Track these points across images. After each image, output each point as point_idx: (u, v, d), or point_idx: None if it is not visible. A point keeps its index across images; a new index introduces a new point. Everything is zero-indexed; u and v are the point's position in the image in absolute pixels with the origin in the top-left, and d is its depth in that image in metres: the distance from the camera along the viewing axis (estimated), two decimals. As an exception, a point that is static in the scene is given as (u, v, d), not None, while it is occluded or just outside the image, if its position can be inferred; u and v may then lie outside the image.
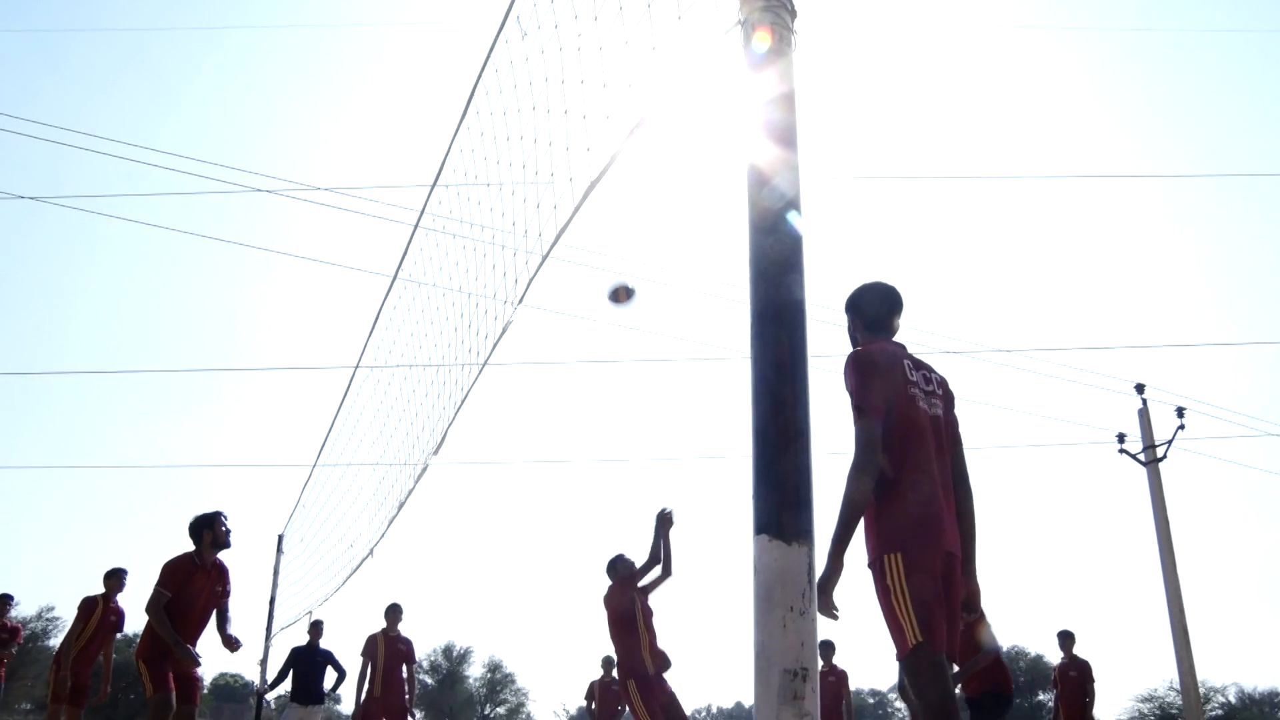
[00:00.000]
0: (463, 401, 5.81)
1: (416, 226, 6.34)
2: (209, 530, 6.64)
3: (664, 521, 7.64)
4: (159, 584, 6.50)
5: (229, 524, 6.76)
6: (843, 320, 3.81)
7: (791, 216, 1.95)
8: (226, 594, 6.81)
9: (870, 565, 3.27)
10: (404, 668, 10.24)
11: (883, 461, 3.24)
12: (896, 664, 3.34)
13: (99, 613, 9.35)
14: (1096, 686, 11.05)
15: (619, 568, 7.75)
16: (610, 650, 10.38)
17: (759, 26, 2.05)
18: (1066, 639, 11.29)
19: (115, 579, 9.54)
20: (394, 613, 10.41)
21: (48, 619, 53.61)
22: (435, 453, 6.59)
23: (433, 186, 5.86)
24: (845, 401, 3.46)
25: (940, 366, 3.76)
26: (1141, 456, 17.45)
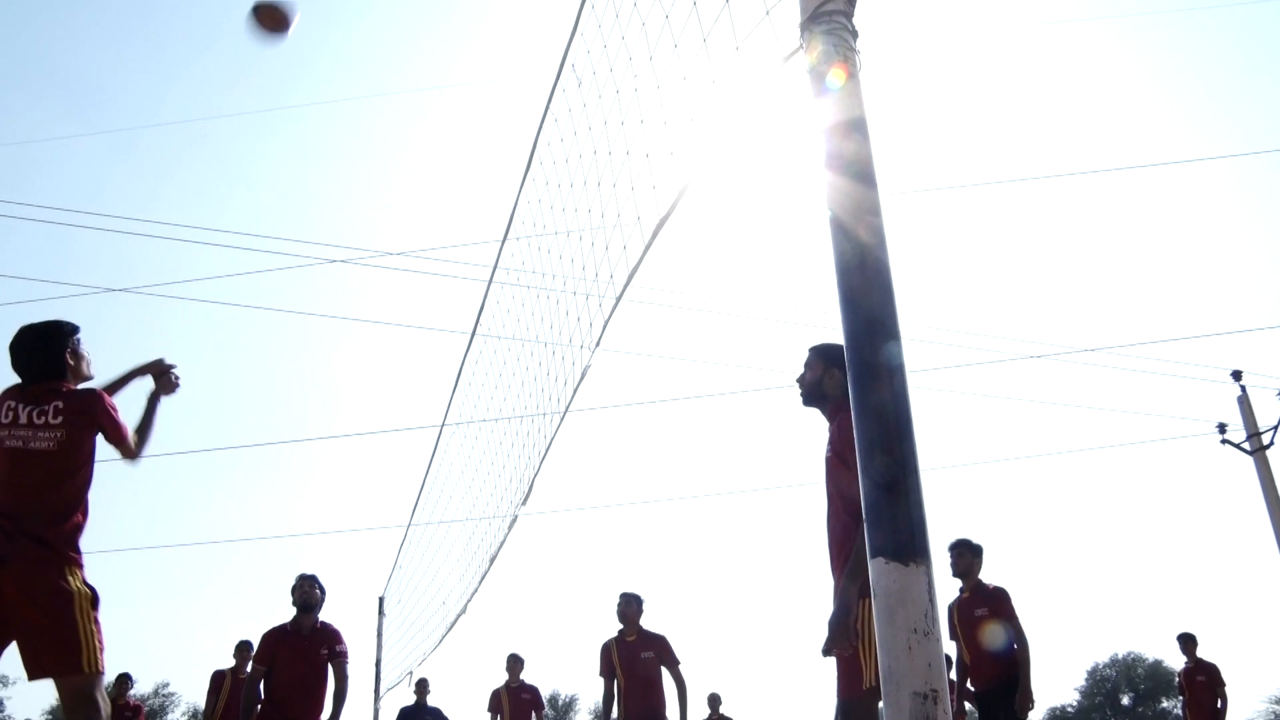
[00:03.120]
0: (547, 449, 5.84)
1: (490, 281, 6.45)
2: (291, 596, 6.88)
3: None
4: (253, 659, 6.81)
5: (308, 585, 6.88)
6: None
7: (875, 245, 1.93)
8: (339, 655, 6.80)
9: None
10: (532, 716, 10.05)
11: None
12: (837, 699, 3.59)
13: (228, 685, 9.55)
14: (1227, 689, 10.58)
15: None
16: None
17: (833, 62, 2.04)
18: (1188, 642, 10.81)
19: (243, 652, 9.74)
20: (515, 663, 10.23)
21: (164, 695, 54.99)
22: (523, 503, 6.63)
23: (504, 240, 5.96)
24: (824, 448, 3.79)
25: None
26: (1246, 445, 16.78)
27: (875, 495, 1.73)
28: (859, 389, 1.84)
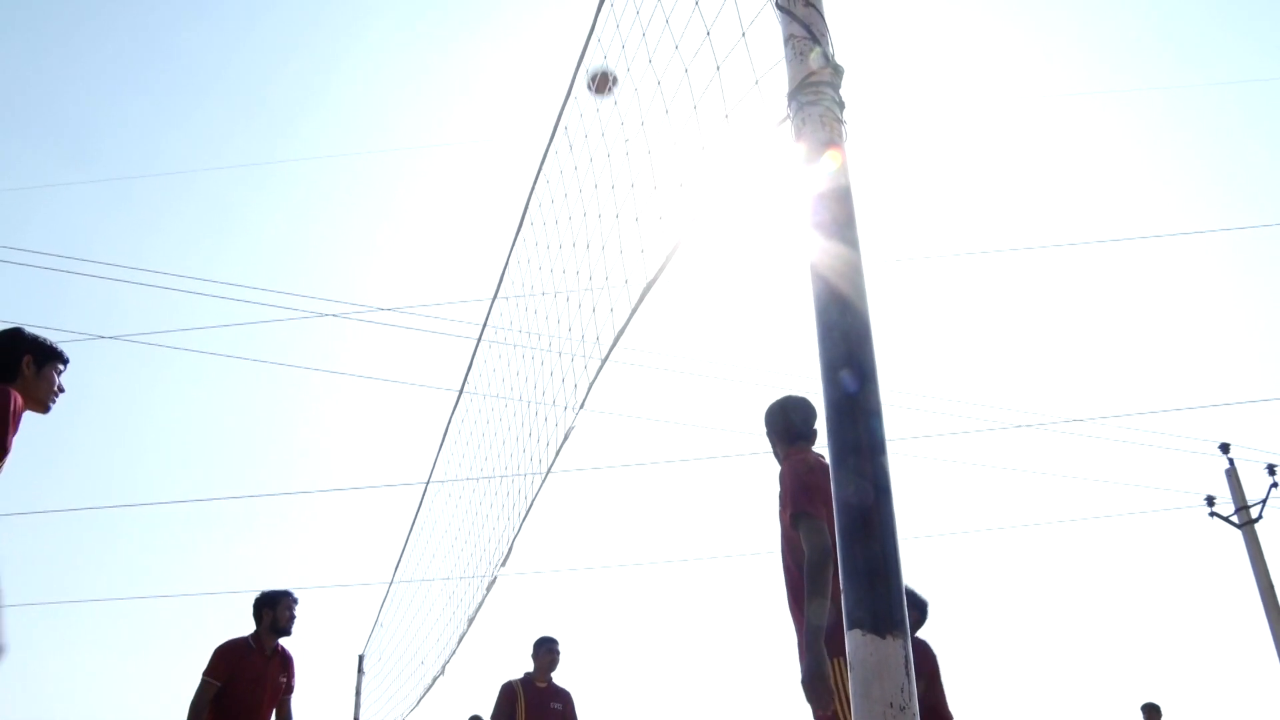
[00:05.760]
0: (528, 511, 5.79)
1: (480, 340, 6.46)
2: (269, 610, 6.00)
3: None
4: (205, 672, 5.79)
5: (296, 609, 6.07)
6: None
7: (853, 286, 1.94)
8: (290, 689, 6.08)
9: None
10: None
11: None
12: None
13: None
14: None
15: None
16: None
17: (829, 146, 2.07)
18: (1152, 713, 10.58)
19: None
20: None
21: (134, 754, 53.67)
22: (503, 564, 6.54)
23: (493, 299, 5.98)
24: (774, 505, 3.72)
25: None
26: (1235, 518, 16.77)
27: (851, 567, 1.72)
28: (836, 423, 1.84)
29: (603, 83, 4.64)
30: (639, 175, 3.62)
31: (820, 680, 3.25)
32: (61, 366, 3.71)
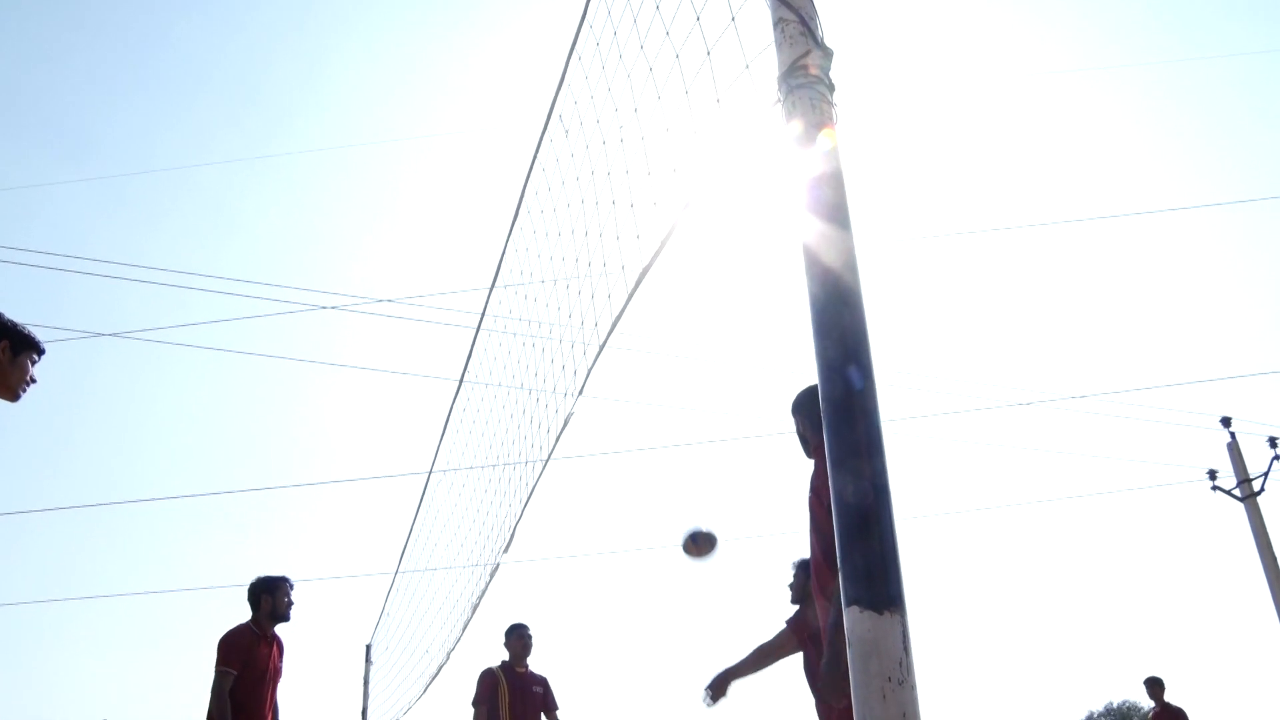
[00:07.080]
0: (529, 497, 5.82)
1: (479, 328, 6.47)
2: (269, 596, 5.98)
3: None
4: (220, 662, 5.72)
5: (293, 594, 6.06)
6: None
7: (848, 275, 1.95)
8: (280, 674, 6.07)
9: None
10: None
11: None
12: None
13: None
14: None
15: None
16: None
17: (820, 128, 2.08)
18: (1155, 686, 10.69)
19: None
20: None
21: (143, 748, 53.95)
22: (505, 551, 6.57)
23: (491, 287, 5.99)
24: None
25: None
26: (1236, 492, 16.80)
27: (849, 545, 1.74)
28: (832, 411, 1.85)
29: (704, 544, 4.85)
30: (633, 161, 3.63)
31: (834, 672, 3.27)
32: (36, 356, 3.59)
